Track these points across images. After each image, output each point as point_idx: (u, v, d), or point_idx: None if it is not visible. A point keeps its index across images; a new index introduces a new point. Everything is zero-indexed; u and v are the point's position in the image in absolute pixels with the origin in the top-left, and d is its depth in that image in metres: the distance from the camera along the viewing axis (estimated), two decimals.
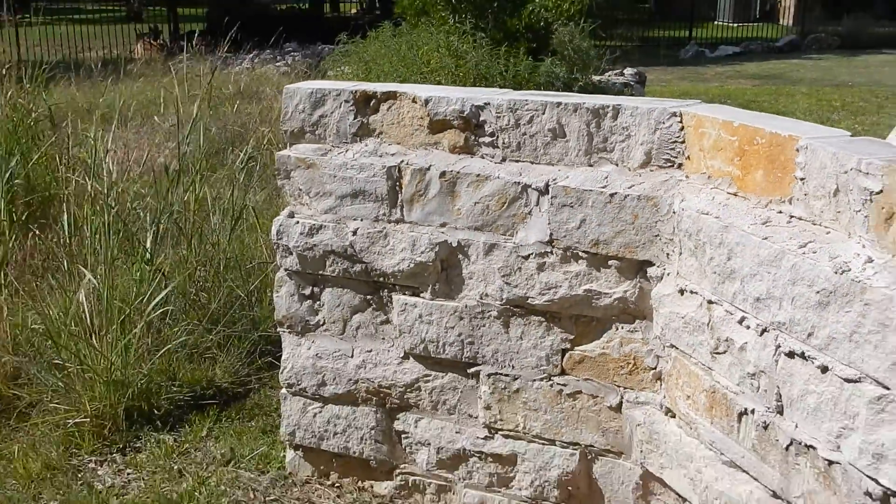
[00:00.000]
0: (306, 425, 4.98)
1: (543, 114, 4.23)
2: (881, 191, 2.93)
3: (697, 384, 3.77)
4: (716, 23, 30.26)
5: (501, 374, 4.44)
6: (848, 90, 14.49)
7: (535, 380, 4.37)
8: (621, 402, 4.22)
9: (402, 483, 4.86)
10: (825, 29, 22.05)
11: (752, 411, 3.46)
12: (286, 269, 4.81)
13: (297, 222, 4.70)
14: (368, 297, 4.67)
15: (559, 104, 4.21)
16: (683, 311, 3.81)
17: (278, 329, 4.99)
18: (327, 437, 4.95)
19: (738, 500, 3.57)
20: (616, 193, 4.02)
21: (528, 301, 4.29)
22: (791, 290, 3.20)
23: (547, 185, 4.16)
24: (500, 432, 4.53)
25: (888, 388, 2.86)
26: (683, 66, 21.10)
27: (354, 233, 4.58)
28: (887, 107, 12.11)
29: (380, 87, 4.67)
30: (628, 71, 17.32)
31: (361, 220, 4.58)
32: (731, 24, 29.47)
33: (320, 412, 4.92)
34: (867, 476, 2.95)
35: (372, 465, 4.89)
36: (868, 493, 2.96)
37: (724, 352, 3.59)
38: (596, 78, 15.69)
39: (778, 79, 17.34)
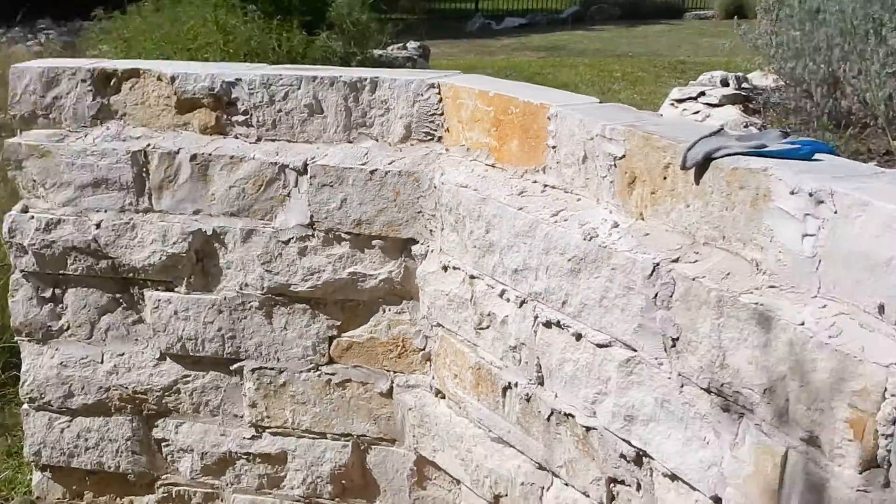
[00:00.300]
0: (53, 442, 4.86)
1: (299, 89, 4.30)
2: (624, 156, 3.20)
3: (464, 362, 3.98)
4: None
5: (266, 368, 4.50)
6: (628, 60, 15.37)
7: (302, 371, 4.46)
8: (392, 388, 4.38)
9: (165, 495, 4.84)
10: (607, 0, 23.23)
11: (516, 384, 3.69)
12: (22, 271, 4.67)
13: (32, 217, 4.57)
14: (118, 295, 4.61)
15: (315, 78, 4.30)
16: (447, 288, 4.00)
17: (16, 338, 4.84)
18: (78, 453, 4.85)
19: (506, 475, 3.80)
20: (377, 170, 4.16)
21: (291, 288, 4.36)
22: (545, 260, 3.44)
23: (305, 165, 4.24)
24: (267, 430, 4.59)
25: (635, 350, 3.13)
26: (470, 39, 21.69)
27: (98, 226, 4.51)
28: (664, 76, 12.95)
29: (121, 65, 4.60)
30: (411, 45, 17.63)
31: (105, 211, 4.51)
32: None
33: (68, 427, 4.82)
34: (620, 438, 3.22)
35: (130, 479, 4.83)
36: (622, 456, 3.24)
37: (488, 327, 3.80)
38: (377, 52, 15.89)
39: (562, 50, 18.15)
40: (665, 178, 3.03)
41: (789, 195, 2.59)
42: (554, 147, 3.52)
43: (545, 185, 3.59)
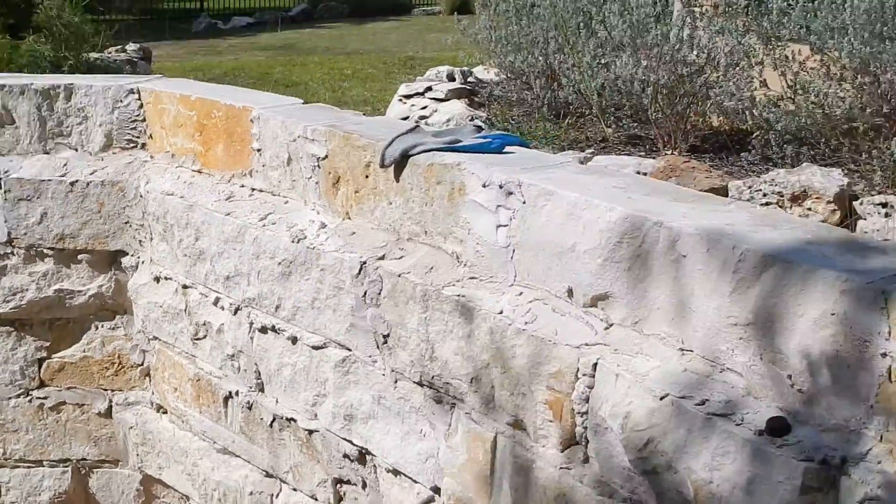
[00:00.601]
0: None
1: None
2: (326, 156, 3.16)
3: (183, 374, 3.83)
4: None
5: None
6: (359, 58, 15.42)
7: (10, 398, 4.15)
8: (111, 407, 4.15)
9: None
10: None
11: (237, 393, 3.58)
12: None
13: None
14: None
15: (3, 87, 4.02)
16: (161, 300, 3.84)
17: None
18: None
19: (234, 486, 3.69)
20: (77, 181, 3.93)
21: None
22: (256, 265, 3.35)
23: None
24: None
25: (350, 350, 3.10)
26: (196, 40, 21.06)
27: None
28: (394, 72, 13.05)
29: None
30: (131, 47, 16.93)
31: None
32: None
33: None
34: (343, 438, 3.19)
35: None
36: (346, 455, 3.21)
37: (204, 336, 3.68)
38: (93, 56, 15.17)
39: (292, 49, 17.98)
40: (367, 176, 3.02)
41: (482, 188, 2.64)
42: (259, 150, 3.44)
43: (253, 189, 3.51)
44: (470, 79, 7.72)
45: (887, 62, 4.78)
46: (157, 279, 3.84)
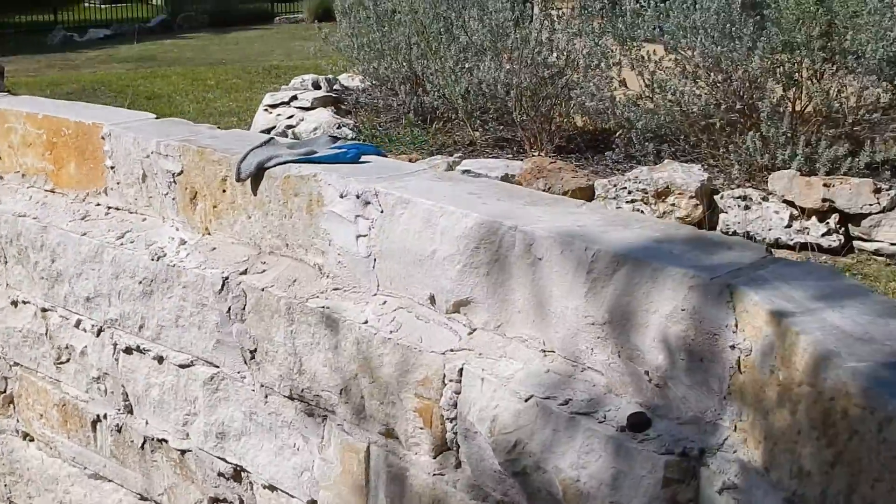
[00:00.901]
0: None
1: None
2: (182, 171, 3.08)
3: (48, 400, 3.68)
4: (85, 5, 29.73)
5: None
6: (222, 68, 15.17)
7: None
8: None
9: None
10: (195, 7, 22.78)
11: (105, 416, 3.45)
12: None
13: None
14: None
15: None
16: (20, 324, 3.68)
17: None
18: None
19: None
20: None
21: None
22: (116, 285, 3.24)
23: None
24: None
25: (218, 367, 3.03)
26: (52, 54, 20.38)
27: None
28: (258, 82, 12.89)
29: None
30: None
31: None
32: (100, 6, 29.19)
33: None
34: (216, 457, 3.10)
35: None
36: (221, 474, 3.12)
37: (68, 360, 3.53)
38: None
39: (153, 60, 17.57)
40: (224, 190, 2.95)
41: (340, 199, 2.60)
42: (113, 167, 3.33)
43: (109, 208, 3.39)
44: (336, 86, 7.68)
45: (738, 60, 4.95)
46: (15, 303, 3.69)
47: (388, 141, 6.01)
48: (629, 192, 4.67)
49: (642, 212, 4.54)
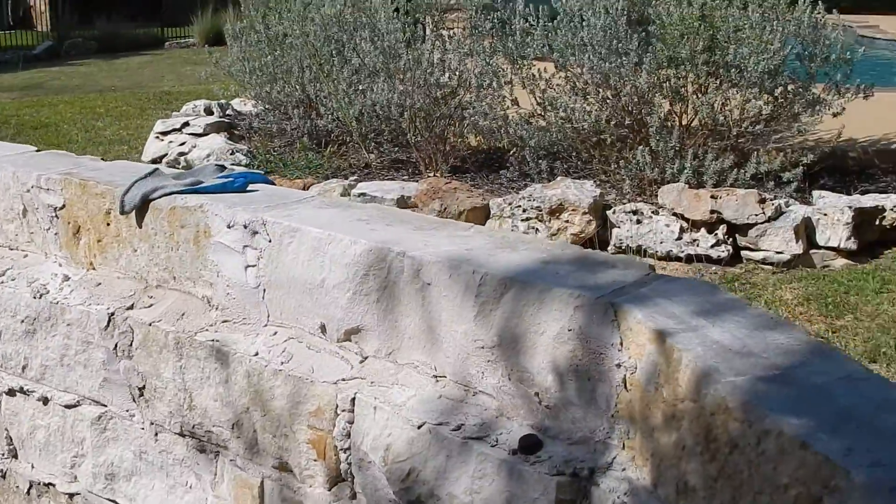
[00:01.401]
0: None
1: None
2: (64, 205, 3.00)
3: None
4: None
5: None
6: (112, 95, 14.88)
7: None
8: None
9: None
10: (82, 33, 22.29)
11: None
12: None
13: None
14: None
15: None
16: None
17: None
18: None
19: None
20: None
21: None
22: None
23: None
24: None
25: (105, 406, 2.95)
26: None
27: None
28: (149, 108, 12.66)
29: None
30: None
31: None
32: None
33: None
34: (106, 499, 3.01)
35: None
36: None
37: None
38: None
39: (39, 88, 17.14)
40: (109, 224, 2.88)
41: (227, 229, 2.57)
42: None
43: None
44: (228, 112, 7.57)
45: (625, 76, 5.05)
46: None
47: (283, 165, 5.96)
48: (524, 210, 4.72)
49: (537, 229, 4.58)
